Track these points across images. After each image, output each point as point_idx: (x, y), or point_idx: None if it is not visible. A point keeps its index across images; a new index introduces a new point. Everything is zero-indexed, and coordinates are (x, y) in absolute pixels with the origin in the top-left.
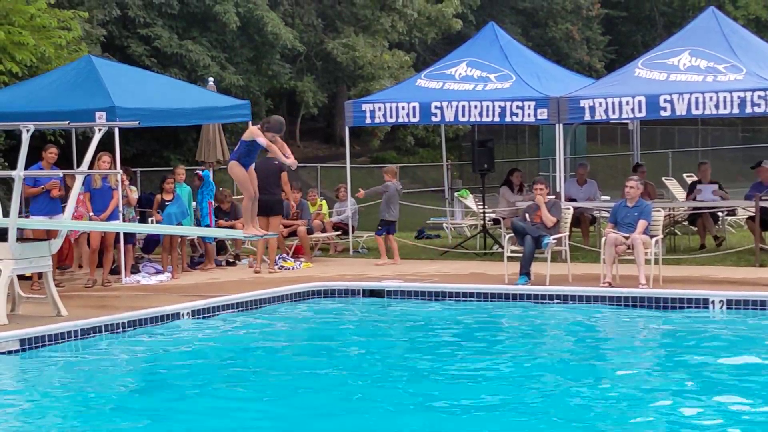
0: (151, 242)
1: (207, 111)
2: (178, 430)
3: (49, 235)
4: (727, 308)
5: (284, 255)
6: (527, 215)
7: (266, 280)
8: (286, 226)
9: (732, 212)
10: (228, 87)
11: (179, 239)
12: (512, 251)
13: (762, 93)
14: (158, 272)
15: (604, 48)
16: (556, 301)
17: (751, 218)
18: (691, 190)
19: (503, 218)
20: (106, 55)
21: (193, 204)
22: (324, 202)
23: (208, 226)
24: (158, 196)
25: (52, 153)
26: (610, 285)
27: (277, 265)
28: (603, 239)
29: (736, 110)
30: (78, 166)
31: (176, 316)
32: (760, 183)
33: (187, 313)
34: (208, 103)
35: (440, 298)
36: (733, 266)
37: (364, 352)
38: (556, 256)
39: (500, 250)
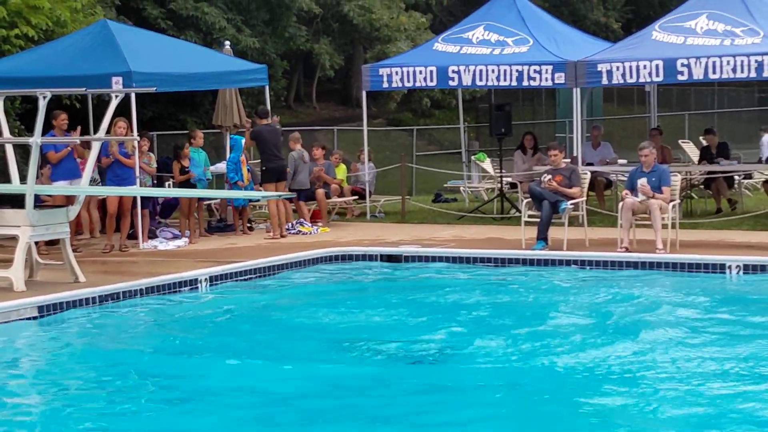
0: (168, 207)
1: (224, 75)
2: (197, 394)
3: (69, 201)
4: (744, 273)
5: (301, 220)
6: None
7: (284, 245)
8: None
9: (749, 175)
10: (244, 50)
11: (197, 204)
12: (529, 216)
13: None
14: (176, 237)
15: (621, 8)
16: (573, 266)
17: (767, 182)
18: (703, 155)
19: (520, 182)
20: (121, 18)
21: (211, 168)
22: (343, 166)
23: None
24: (176, 163)
25: (63, 120)
26: (627, 250)
27: (294, 229)
28: (620, 204)
29: (753, 74)
30: (95, 132)
31: (194, 282)
32: None
33: (205, 279)
34: (224, 68)
35: (457, 263)
36: (750, 230)
37: (384, 317)
38: (573, 220)
39: (517, 214)
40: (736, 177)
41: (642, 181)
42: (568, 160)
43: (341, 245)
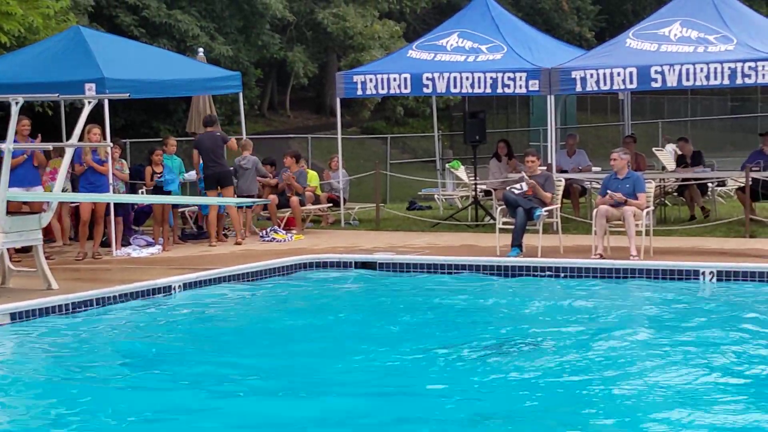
0: (142, 214)
1: (197, 82)
2: (168, 403)
3: (32, 207)
4: (717, 279)
5: (275, 227)
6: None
7: (258, 252)
8: (279, 195)
9: (722, 183)
10: (217, 57)
11: (171, 211)
12: (504, 223)
13: (752, 64)
14: (149, 244)
15: (595, 17)
16: (547, 272)
17: (741, 189)
18: (678, 162)
19: (494, 189)
20: (94, 25)
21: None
22: (315, 173)
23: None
24: (149, 168)
25: (25, 126)
26: (601, 257)
27: (268, 237)
28: (594, 211)
29: (726, 81)
30: (67, 139)
31: (168, 289)
32: (760, 151)
33: (179, 286)
34: (198, 75)
35: (431, 270)
36: (723, 237)
37: (357, 322)
38: (548, 227)
39: (492, 221)
40: (710, 184)
41: (611, 194)
42: (544, 168)
43: (315, 252)
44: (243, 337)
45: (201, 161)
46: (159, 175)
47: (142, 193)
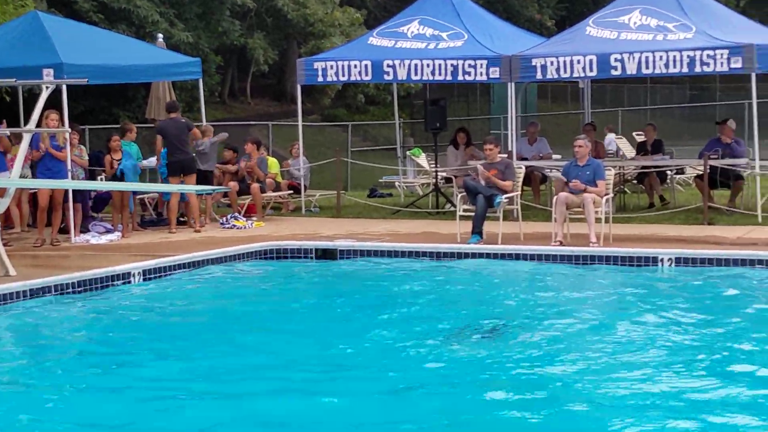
0: (101, 201)
1: (157, 68)
2: (125, 390)
3: None
4: (676, 266)
5: (236, 214)
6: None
7: (218, 239)
8: (240, 182)
9: (680, 171)
10: (177, 44)
11: (129, 198)
12: (464, 210)
13: (711, 52)
14: (108, 231)
15: (555, 5)
16: (507, 259)
17: (699, 177)
18: (639, 150)
19: (455, 177)
20: (51, 10)
21: (141, 162)
22: (275, 160)
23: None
24: (108, 156)
25: None
26: (561, 244)
27: (228, 224)
28: (554, 198)
29: (685, 69)
30: (25, 124)
31: (127, 276)
32: (717, 140)
33: (138, 273)
34: (157, 60)
35: (392, 257)
36: (681, 224)
37: (316, 309)
38: (508, 214)
39: (452, 209)
40: (669, 172)
41: (573, 184)
42: (504, 155)
43: (276, 239)
44: (202, 324)
45: (164, 148)
46: (119, 162)
47: (101, 179)
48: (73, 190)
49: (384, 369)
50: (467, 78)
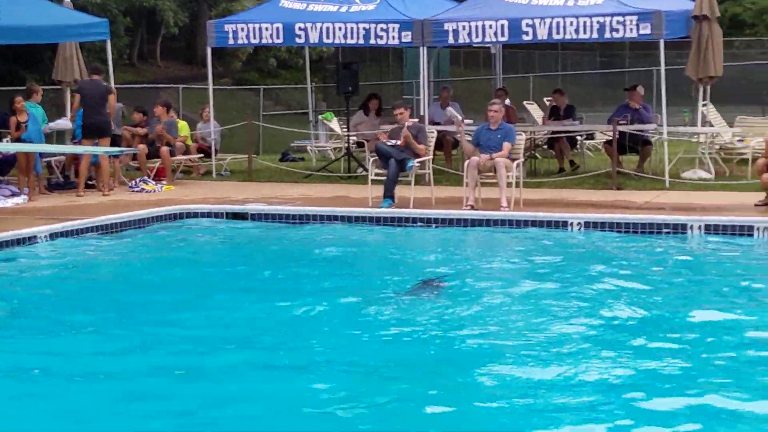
0: (6, 163)
1: (63, 29)
2: (27, 355)
3: None
4: (585, 230)
5: (145, 177)
6: (392, 138)
7: (127, 203)
8: (149, 145)
9: (590, 136)
10: (84, 5)
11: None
12: (376, 174)
13: (620, 18)
14: (14, 194)
15: None
16: (419, 224)
17: (608, 142)
18: (549, 114)
19: (367, 141)
20: None
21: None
22: (185, 123)
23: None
24: (13, 118)
25: None
26: (472, 208)
27: (137, 187)
28: (466, 163)
29: (595, 35)
30: None
31: (33, 239)
32: (626, 106)
33: (45, 236)
34: (64, 21)
35: (304, 221)
36: (591, 189)
37: (228, 273)
38: (420, 179)
39: (364, 173)
40: (579, 138)
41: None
42: (416, 120)
43: (186, 203)
44: (109, 289)
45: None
46: (24, 124)
47: (7, 142)
48: None
49: (296, 336)
50: (379, 42)
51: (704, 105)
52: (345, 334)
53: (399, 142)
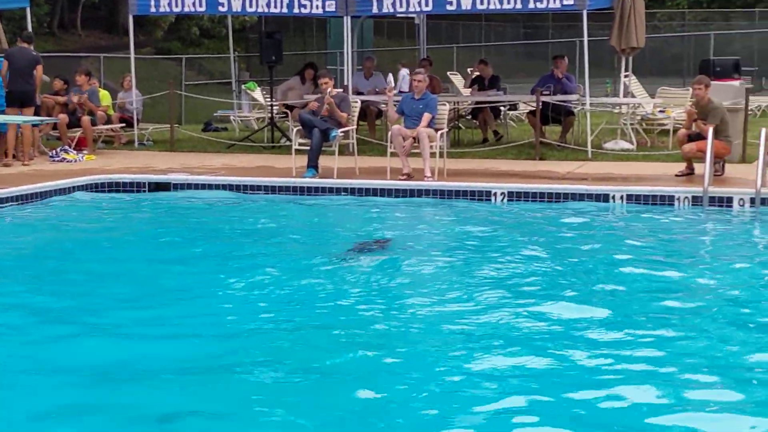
0: None
1: None
2: None
3: None
4: (509, 200)
5: (66, 147)
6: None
7: (48, 172)
8: (70, 114)
9: (514, 107)
10: None
11: None
12: (300, 144)
13: None
14: None
15: None
16: (343, 194)
17: (532, 113)
18: (472, 84)
19: (291, 110)
20: None
21: None
22: (107, 93)
23: None
24: None
25: None
26: (408, 177)
27: (58, 157)
28: (389, 133)
29: (519, 5)
30: None
31: None
32: (550, 76)
33: None
34: None
35: (228, 191)
36: (514, 159)
37: (150, 243)
38: (344, 149)
39: (288, 143)
40: (502, 108)
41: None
42: (340, 90)
43: (108, 173)
44: (27, 260)
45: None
46: None
47: None
48: None
49: (217, 300)
50: (303, 11)
51: (626, 76)
52: (264, 301)
53: (323, 111)
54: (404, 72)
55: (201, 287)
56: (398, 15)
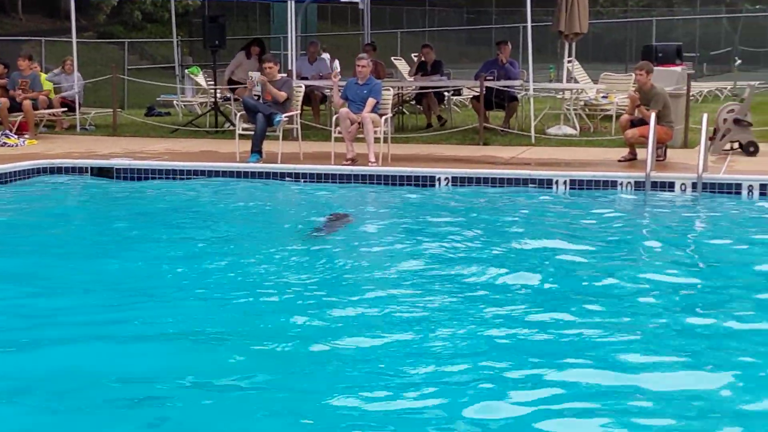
0: None
1: None
2: None
3: None
4: (452, 185)
5: (7, 131)
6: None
7: None
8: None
9: (458, 92)
10: None
11: None
12: (243, 129)
13: None
14: None
15: None
16: (287, 179)
17: (476, 98)
18: (416, 70)
19: (234, 91)
20: None
21: None
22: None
23: None
24: None
25: None
26: (353, 162)
27: None
28: (334, 117)
29: None
30: None
31: None
32: (493, 62)
33: None
34: None
35: (170, 177)
36: (458, 144)
37: (92, 230)
38: (288, 134)
39: (231, 128)
40: (446, 93)
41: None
42: (284, 75)
43: (50, 157)
44: None
45: None
46: None
47: None
48: None
49: (160, 284)
50: None
51: (569, 62)
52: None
53: (265, 95)
54: (325, 56)
55: (146, 275)
56: (342, 0)
